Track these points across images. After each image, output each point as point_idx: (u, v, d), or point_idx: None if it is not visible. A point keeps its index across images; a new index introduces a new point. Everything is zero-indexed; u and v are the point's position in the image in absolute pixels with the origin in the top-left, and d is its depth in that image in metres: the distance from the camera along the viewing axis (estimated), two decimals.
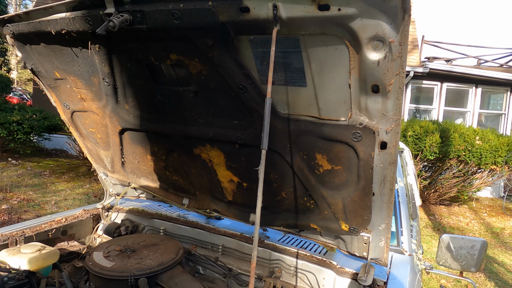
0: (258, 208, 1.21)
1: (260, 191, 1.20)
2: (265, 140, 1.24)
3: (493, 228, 10.54)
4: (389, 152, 1.79)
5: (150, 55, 2.09)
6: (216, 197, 2.89)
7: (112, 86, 2.43)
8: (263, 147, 1.23)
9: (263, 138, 1.25)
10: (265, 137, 1.25)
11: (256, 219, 1.20)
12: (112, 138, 2.89)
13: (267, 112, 1.29)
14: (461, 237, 3.02)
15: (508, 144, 11.41)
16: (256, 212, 1.20)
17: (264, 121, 1.28)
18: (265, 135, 1.25)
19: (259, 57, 1.79)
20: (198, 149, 2.55)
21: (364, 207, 2.08)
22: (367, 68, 1.51)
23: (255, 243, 1.20)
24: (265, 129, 1.25)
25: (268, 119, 1.28)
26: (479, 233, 9.96)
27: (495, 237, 9.67)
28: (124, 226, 3.22)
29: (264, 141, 1.24)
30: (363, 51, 1.47)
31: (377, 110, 1.65)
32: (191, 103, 2.24)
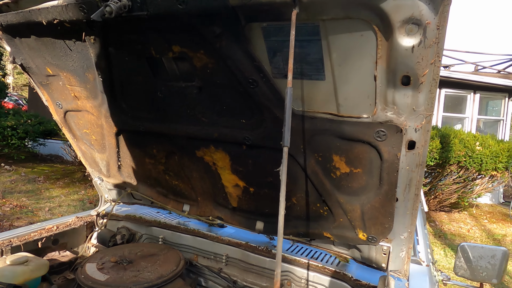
0: (281, 216, 1.02)
1: (282, 196, 1.01)
2: (287, 136, 1.06)
3: (495, 235, 10.39)
4: (417, 152, 1.61)
5: (150, 47, 1.91)
6: (220, 203, 2.69)
7: (109, 83, 2.24)
8: (285, 144, 1.05)
9: (285, 133, 1.06)
10: (287, 132, 1.06)
11: (279, 230, 1.01)
12: (108, 140, 2.69)
13: (288, 103, 1.11)
14: (481, 246, 2.83)
15: (509, 150, 11.31)
16: (279, 222, 1.01)
17: (285, 115, 1.10)
18: (287, 130, 1.07)
19: (272, 48, 1.62)
20: (201, 151, 2.36)
21: (385, 214, 1.89)
22: (398, 57, 1.33)
23: (278, 257, 1.01)
24: (287, 123, 1.07)
25: (289, 112, 1.10)
26: (481, 240, 9.80)
27: (497, 244, 9.51)
28: (120, 235, 3.01)
29: (286, 137, 1.06)
30: (395, 37, 1.29)
31: (406, 105, 1.48)
32: (195, 101, 2.05)
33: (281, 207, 1.01)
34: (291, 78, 1.14)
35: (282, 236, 1.01)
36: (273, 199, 2.35)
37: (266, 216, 2.51)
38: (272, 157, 2.10)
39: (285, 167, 1.03)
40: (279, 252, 1.02)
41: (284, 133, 1.06)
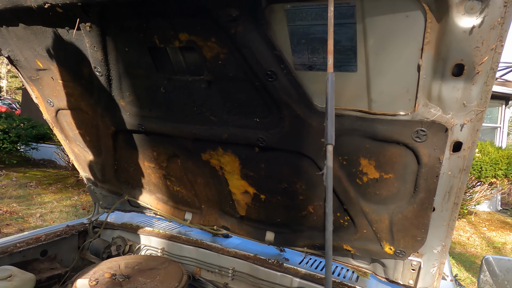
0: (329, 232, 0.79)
1: (329, 207, 0.79)
2: (330, 131, 0.84)
3: (495, 243, 10.25)
4: (463, 155, 1.40)
5: (154, 35, 1.69)
6: (226, 211, 2.46)
7: (106, 77, 2.01)
8: (328, 141, 0.83)
9: (328, 128, 0.85)
10: (330, 127, 0.84)
11: (326, 250, 0.79)
12: (103, 142, 2.45)
13: (330, 92, 0.89)
14: (508, 258, 2.62)
15: (508, 157, 11.22)
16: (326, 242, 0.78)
17: (327, 105, 0.88)
18: (330, 124, 0.85)
19: (296, 34, 1.40)
20: (208, 154, 2.14)
21: (418, 225, 1.67)
22: (452, 41, 1.13)
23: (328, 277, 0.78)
24: (329, 116, 0.85)
25: (332, 102, 0.88)
26: (481, 248, 9.65)
27: (497, 252, 9.35)
28: (115, 245, 2.75)
29: (329, 133, 0.84)
30: (450, 17, 1.09)
31: (456, 99, 1.27)
32: (203, 97, 1.83)
33: (329, 221, 0.79)
34: (331, 62, 0.93)
35: (330, 258, 0.78)
36: (286, 208, 2.13)
37: (278, 226, 2.29)
38: (288, 161, 1.88)
39: (331, 171, 0.82)
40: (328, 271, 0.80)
41: (327, 128, 0.84)
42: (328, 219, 0.80)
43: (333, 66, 1.41)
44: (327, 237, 0.80)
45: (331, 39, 0.96)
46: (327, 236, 0.80)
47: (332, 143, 0.83)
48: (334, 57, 1.40)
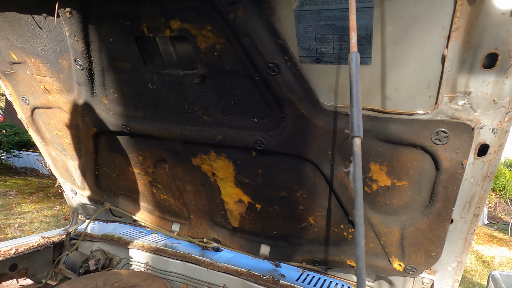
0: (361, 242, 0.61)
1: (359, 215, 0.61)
2: (357, 121, 0.67)
3: (483, 256, 10.22)
4: (488, 160, 1.24)
5: (141, 23, 1.51)
6: (217, 222, 2.25)
7: (87, 72, 1.82)
8: (356, 133, 0.66)
9: (354, 118, 0.68)
10: (357, 117, 0.67)
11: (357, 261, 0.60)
12: (84, 144, 2.24)
13: (354, 75, 0.72)
14: None
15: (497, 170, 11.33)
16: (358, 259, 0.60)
17: (352, 90, 0.71)
18: (357, 113, 0.68)
19: (303, 20, 1.24)
20: (199, 159, 1.94)
21: (433, 239, 1.50)
22: (487, 26, 0.98)
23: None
24: (355, 104, 0.68)
25: (357, 87, 0.72)
26: (470, 262, 9.59)
27: (486, 267, 9.31)
28: (93, 259, 2.51)
29: (355, 123, 0.66)
30: None
31: (485, 95, 1.12)
32: (195, 94, 1.65)
33: (359, 232, 0.61)
34: (355, 40, 0.77)
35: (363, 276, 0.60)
36: (284, 219, 1.94)
37: (274, 239, 2.09)
38: (289, 167, 1.70)
39: (359, 169, 0.64)
40: None
41: (353, 117, 0.67)
42: (359, 231, 0.62)
43: (343, 58, 1.25)
44: (359, 254, 0.62)
45: (353, 13, 0.80)
46: (359, 253, 0.62)
47: (360, 135, 0.66)
48: (345, 47, 1.25)
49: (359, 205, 0.62)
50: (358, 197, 0.63)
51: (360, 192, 0.63)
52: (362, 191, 0.64)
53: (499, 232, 13.17)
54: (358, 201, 0.62)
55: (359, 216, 0.62)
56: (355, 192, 0.64)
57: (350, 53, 0.75)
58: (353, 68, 0.73)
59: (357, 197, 0.63)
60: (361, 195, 0.64)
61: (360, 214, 0.62)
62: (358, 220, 0.63)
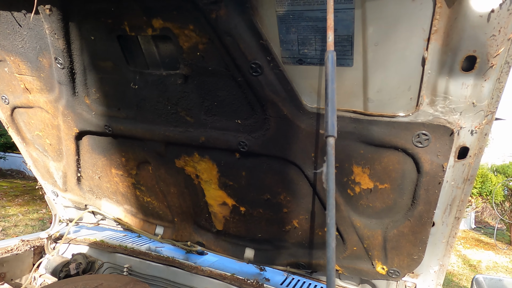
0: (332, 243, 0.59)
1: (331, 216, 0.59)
2: (331, 120, 0.65)
3: (470, 260, 10.35)
4: (468, 163, 1.25)
5: (123, 22, 1.49)
6: (201, 225, 2.22)
7: (68, 70, 1.78)
8: (329, 132, 0.65)
9: (329, 117, 0.66)
10: (331, 116, 0.66)
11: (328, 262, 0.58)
12: (65, 145, 2.19)
13: (330, 73, 0.71)
14: (498, 278, 2.50)
15: (482, 175, 11.47)
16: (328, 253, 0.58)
17: (328, 89, 0.70)
18: (331, 112, 0.67)
19: (285, 21, 1.24)
20: (182, 160, 1.91)
21: (415, 242, 1.50)
22: (466, 28, 0.99)
23: None
24: (330, 103, 0.67)
25: (332, 86, 0.71)
26: (458, 266, 9.70)
27: (473, 270, 9.43)
28: (75, 263, 2.44)
29: (330, 122, 0.65)
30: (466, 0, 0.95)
31: (464, 98, 1.12)
32: (178, 94, 1.63)
33: (331, 233, 0.60)
34: (332, 39, 0.76)
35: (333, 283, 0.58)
36: (268, 222, 1.92)
37: (258, 242, 2.07)
38: (272, 169, 1.68)
39: (333, 169, 0.63)
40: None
41: (328, 116, 0.66)
42: (330, 232, 0.61)
43: None
44: (329, 255, 0.61)
45: (331, 13, 0.79)
46: (329, 254, 0.61)
47: (334, 135, 0.65)
48: (326, 49, 1.24)
49: (331, 205, 0.61)
50: (330, 197, 0.61)
51: (332, 193, 0.61)
52: (334, 192, 0.62)
53: (486, 236, 13.37)
54: (330, 201, 0.61)
55: (330, 217, 0.60)
56: (327, 193, 0.62)
57: (327, 52, 0.74)
58: (329, 67, 0.72)
59: (329, 198, 0.61)
60: (333, 196, 0.63)
61: (331, 215, 0.60)
62: (330, 221, 0.61)
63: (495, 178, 11.64)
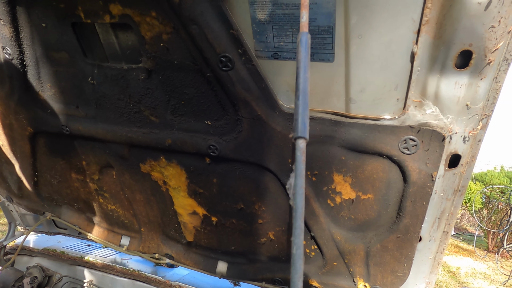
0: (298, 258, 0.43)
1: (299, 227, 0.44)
2: (302, 120, 0.50)
3: (450, 267, 10.44)
4: (460, 172, 1.12)
5: (77, 7, 1.31)
6: (170, 236, 2.03)
7: (19, 62, 1.58)
8: (299, 133, 0.50)
9: (299, 117, 0.51)
10: (302, 115, 0.51)
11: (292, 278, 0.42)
12: (19, 146, 1.97)
13: (303, 60, 0.57)
14: None
15: None
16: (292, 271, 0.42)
17: (299, 79, 0.55)
18: (302, 109, 0.52)
19: (259, 8, 1.09)
20: (148, 165, 1.73)
21: (400, 258, 1.37)
22: (462, 18, 0.86)
23: None
24: (301, 97, 0.52)
25: (305, 74, 0.56)
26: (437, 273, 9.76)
27: (453, 277, 9.50)
28: (29, 277, 2.21)
29: (300, 122, 0.50)
30: None
31: (457, 99, 1.00)
32: (141, 91, 1.46)
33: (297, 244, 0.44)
34: (306, 19, 0.61)
35: None
36: (242, 233, 1.76)
37: (232, 255, 1.90)
38: (246, 176, 1.53)
39: (302, 179, 0.48)
40: None
41: (298, 113, 0.51)
42: (296, 243, 0.45)
43: None
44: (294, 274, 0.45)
45: None
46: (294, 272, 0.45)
47: (305, 137, 0.50)
48: None
49: (298, 229, 0.45)
50: (298, 218, 0.45)
51: (300, 212, 0.46)
52: (303, 210, 0.47)
53: (464, 243, 13.58)
54: (297, 223, 0.45)
55: (297, 247, 0.44)
56: (294, 213, 0.46)
57: (299, 33, 0.60)
58: (302, 52, 0.57)
59: (296, 219, 0.45)
60: (302, 217, 0.47)
61: (299, 243, 0.45)
62: (296, 252, 0.46)
63: (475, 186, 11.84)
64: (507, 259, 10.20)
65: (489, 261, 10.59)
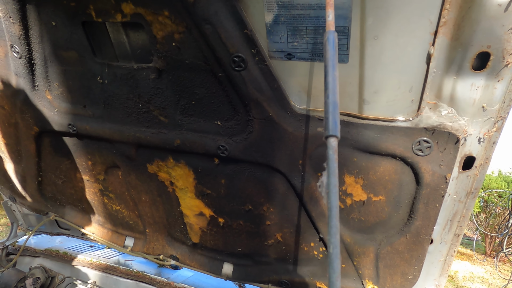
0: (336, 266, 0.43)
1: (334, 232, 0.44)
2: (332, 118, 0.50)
3: None
4: (473, 174, 1.12)
5: (89, 5, 1.30)
6: (175, 237, 2.02)
7: (26, 61, 1.57)
8: (331, 132, 0.50)
9: (330, 114, 0.51)
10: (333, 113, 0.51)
11: None
12: (24, 145, 1.96)
13: (331, 58, 0.56)
14: None
15: None
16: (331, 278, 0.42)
17: (328, 78, 0.55)
18: (332, 107, 0.51)
19: (274, 8, 1.09)
20: (155, 165, 1.72)
21: (411, 260, 1.36)
22: (481, 19, 0.86)
23: None
24: (331, 97, 0.52)
25: (333, 73, 0.55)
26: None
27: (450, 281, 9.51)
28: (32, 278, 2.19)
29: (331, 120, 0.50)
30: None
31: (473, 101, 1.00)
32: (151, 91, 1.45)
33: (334, 243, 0.44)
34: (332, 18, 0.61)
35: None
36: (249, 235, 1.75)
37: (238, 256, 1.89)
38: (255, 177, 1.52)
39: (335, 177, 0.47)
40: None
41: (329, 111, 0.50)
42: (332, 242, 0.45)
43: (317, 55, 1.10)
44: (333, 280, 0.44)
45: None
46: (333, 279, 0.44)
47: (337, 135, 0.50)
48: (320, 42, 1.10)
49: (334, 228, 0.45)
50: (333, 217, 0.45)
51: (335, 211, 0.46)
52: (338, 209, 0.47)
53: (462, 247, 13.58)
54: (333, 223, 0.45)
55: (334, 246, 0.44)
56: (329, 211, 0.46)
57: (326, 32, 0.60)
58: (330, 50, 0.57)
59: (331, 218, 0.45)
60: (337, 216, 0.47)
61: (335, 243, 0.45)
62: (333, 251, 0.46)
63: None
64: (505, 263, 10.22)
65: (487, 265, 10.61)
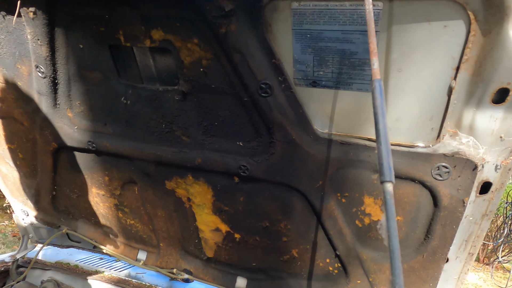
0: None
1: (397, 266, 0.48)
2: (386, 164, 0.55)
3: None
4: (489, 198, 1.18)
5: (118, 30, 1.35)
6: (189, 251, 2.05)
7: (50, 80, 1.61)
8: (386, 178, 0.55)
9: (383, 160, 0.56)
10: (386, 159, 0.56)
11: None
12: (41, 160, 1.98)
13: (379, 106, 0.62)
14: None
15: None
16: None
17: (378, 125, 0.60)
18: (385, 153, 0.56)
19: (301, 40, 1.14)
20: (174, 182, 1.76)
21: (426, 278, 1.41)
22: (503, 59, 0.92)
23: None
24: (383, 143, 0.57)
25: (384, 122, 0.61)
26: None
27: None
28: None
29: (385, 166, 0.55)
30: (505, 28, 0.89)
31: (491, 131, 1.06)
32: (175, 112, 1.49)
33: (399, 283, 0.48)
34: (377, 66, 0.66)
35: None
36: (265, 250, 1.79)
37: (252, 271, 1.93)
38: (274, 195, 1.57)
39: (394, 222, 0.52)
40: None
41: (382, 157, 0.56)
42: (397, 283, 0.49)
43: (341, 83, 1.15)
44: None
45: (373, 36, 0.69)
46: None
47: (392, 180, 0.55)
48: (345, 72, 1.16)
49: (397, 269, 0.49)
50: (396, 259, 0.50)
51: (397, 253, 0.50)
52: (399, 252, 0.51)
53: None
54: (396, 265, 0.49)
55: (399, 286, 0.49)
56: (391, 254, 0.51)
57: (373, 81, 0.65)
58: (378, 98, 0.62)
59: (394, 260, 0.50)
60: (399, 257, 0.52)
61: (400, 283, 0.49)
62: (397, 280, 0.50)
63: None
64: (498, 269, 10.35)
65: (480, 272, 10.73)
